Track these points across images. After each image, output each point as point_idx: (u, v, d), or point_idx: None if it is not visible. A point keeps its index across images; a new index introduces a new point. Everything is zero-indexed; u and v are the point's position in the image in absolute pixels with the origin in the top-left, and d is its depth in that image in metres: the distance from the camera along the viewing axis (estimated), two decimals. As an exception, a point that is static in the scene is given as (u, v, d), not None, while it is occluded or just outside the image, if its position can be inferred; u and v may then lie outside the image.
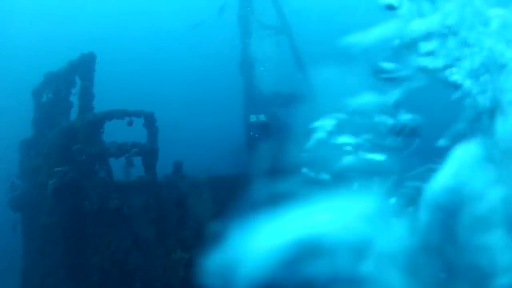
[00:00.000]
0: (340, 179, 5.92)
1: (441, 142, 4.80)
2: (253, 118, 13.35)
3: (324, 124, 6.40)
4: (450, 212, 4.44)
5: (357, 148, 6.07)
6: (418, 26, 4.95)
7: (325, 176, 6.30)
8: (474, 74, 4.76)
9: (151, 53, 35.92)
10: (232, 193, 9.78)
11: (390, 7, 5.61)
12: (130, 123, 7.81)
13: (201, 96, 31.66)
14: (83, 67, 8.14)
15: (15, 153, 9.64)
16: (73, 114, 8.76)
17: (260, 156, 13.94)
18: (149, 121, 7.89)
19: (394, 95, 5.22)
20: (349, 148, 6.11)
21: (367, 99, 5.65)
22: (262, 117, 13.29)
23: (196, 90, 32.55)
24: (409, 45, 5.00)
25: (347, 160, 6.05)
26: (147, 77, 33.80)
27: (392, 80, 5.17)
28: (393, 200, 5.45)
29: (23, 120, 9.69)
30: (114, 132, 8.27)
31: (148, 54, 35.70)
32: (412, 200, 5.14)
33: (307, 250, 4.99)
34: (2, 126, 22.52)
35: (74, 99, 8.63)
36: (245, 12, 14.34)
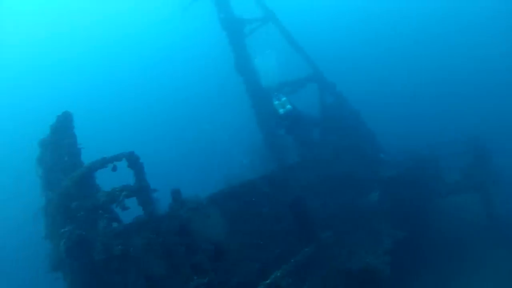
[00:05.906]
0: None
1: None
2: (280, 109, 12.99)
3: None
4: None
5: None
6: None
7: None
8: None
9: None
10: (241, 203, 9.66)
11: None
12: (114, 169, 7.96)
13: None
14: (63, 127, 8.46)
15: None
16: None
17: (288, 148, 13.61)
18: (131, 161, 7.97)
19: None
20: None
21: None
22: (288, 106, 12.94)
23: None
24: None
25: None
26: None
27: None
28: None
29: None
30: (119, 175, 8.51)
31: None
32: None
33: None
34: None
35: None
36: (225, 14, 14.07)
